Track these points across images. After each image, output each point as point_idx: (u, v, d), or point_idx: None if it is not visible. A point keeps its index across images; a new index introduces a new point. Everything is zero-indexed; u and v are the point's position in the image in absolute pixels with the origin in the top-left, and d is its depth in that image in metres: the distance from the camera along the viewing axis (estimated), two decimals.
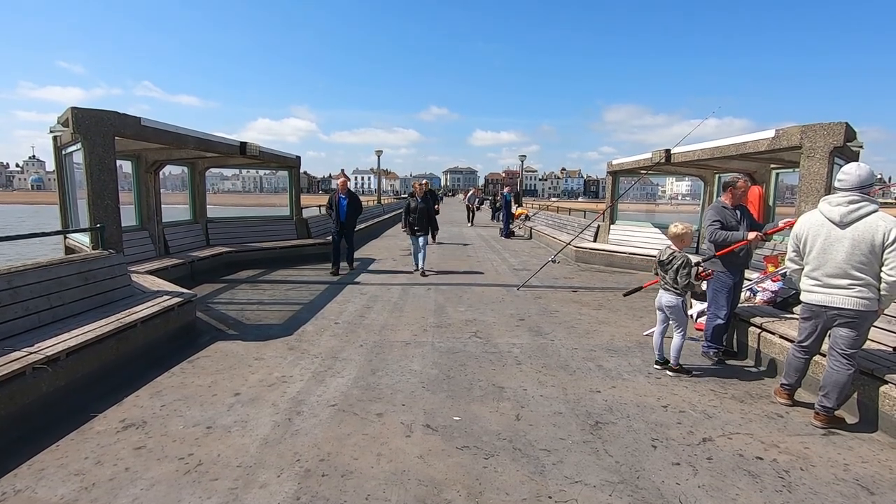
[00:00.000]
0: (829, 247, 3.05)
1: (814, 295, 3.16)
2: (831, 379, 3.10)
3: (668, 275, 4.00)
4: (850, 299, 2.98)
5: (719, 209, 4.33)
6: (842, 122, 4.65)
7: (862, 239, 2.92)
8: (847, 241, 2.97)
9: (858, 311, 2.98)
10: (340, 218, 8.31)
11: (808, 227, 3.20)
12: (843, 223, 3.00)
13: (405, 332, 5.13)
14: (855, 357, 3.07)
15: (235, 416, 3.18)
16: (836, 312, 3.06)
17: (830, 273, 3.05)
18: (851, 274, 2.97)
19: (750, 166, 7.58)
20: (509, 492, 2.44)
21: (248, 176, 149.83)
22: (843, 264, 2.98)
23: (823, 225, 3.10)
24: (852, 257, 2.95)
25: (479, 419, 3.20)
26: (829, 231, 3.06)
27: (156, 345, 4.23)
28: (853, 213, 2.98)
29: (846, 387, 3.08)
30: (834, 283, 3.04)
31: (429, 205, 8.43)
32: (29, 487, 2.42)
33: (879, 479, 2.60)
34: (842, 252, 2.99)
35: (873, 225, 2.91)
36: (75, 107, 4.83)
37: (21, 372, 2.91)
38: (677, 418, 3.26)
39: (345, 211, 8.34)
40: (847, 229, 2.98)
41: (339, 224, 8.32)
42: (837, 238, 3.02)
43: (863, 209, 2.97)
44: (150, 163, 7.69)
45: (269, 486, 2.46)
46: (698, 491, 2.46)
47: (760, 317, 4.40)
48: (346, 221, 8.33)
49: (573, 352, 4.58)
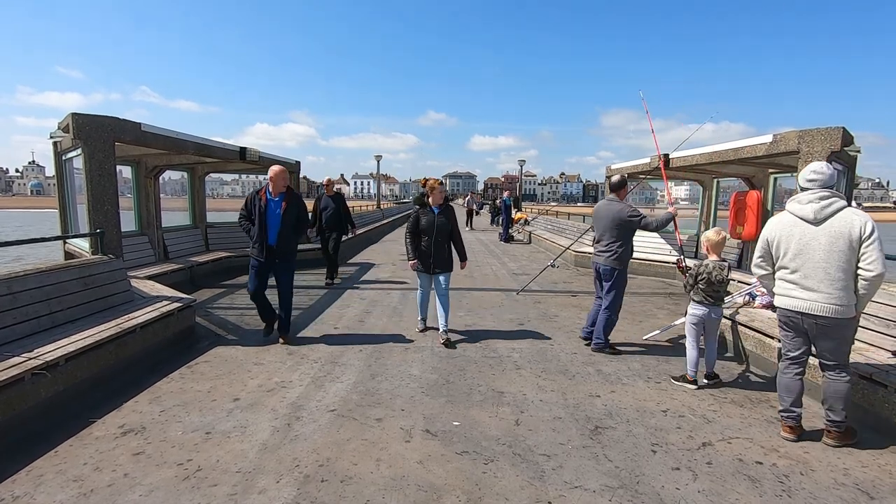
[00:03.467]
0: (806, 247, 2.90)
1: (790, 300, 2.98)
2: (830, 390, 2.95)
3: (719, 290, 3.80)
4: (827, 306, 2.83)
5: (628, 204, 4.70)
6: (839, 126, 4.67)
7: (839, 234, 2.80)
8: (824, 239, 2.84)
9: (834, 320, 2.84)
10: (268, 237, 4.58)
11: (778, 229, 3.04)
12: (816, 220, 2.88)
13: (404, 336, 5.12)
14: (846, 363, 2.95)
15: (235, 422, 3.17)
16: (813, 321, 2.90)
17: (810, 274, 2.89)
18: (831, 274, 2.82)
19: (748, 171, 7.61)
20: (509, 497, 2.44)
21: (248, 181, 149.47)
22: (823, 263, 2.84)
23: (796, 225, 2.96)
24: (831, 256, 2.82)
25: (479, 424, 3.20)
26: (804, 230, 2.92)
27: (155, 350, 4.22)
28: (826, 209, 2.86)
29: (848, 395, 2.92)
30: (814, 286, 2.88)
31: (452, 221, 4.96)
32: (27, 494, 2.41)
33: (880, 484, 2.59)
34: (819, 251, 2.85)
35: (848, 220, 2.80)
36: (76, 112, 4.85)
37: (20, 377, 2.91)
38: (677, 423, 3.26)
39: (278, 223, 4.59)
40: (821, 226, 2.86)
41: (264, 248, 4.59)
42: (813, 236, 2.88)
43: (834, 204, 2.86)
44: (150, 168, 7.71)
45: (268, 491, 2.45)
46: (698, 496, 2.46)
47: (759, 321, 4.41)
48: (279, 244, 4.60)
49: (573, 356, 4.58)
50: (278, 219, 4.58)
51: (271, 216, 4.58)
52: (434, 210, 4.88)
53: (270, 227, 4.57)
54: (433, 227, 4.82)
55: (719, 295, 3.84)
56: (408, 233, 4.93)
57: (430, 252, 4.84)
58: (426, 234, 4.84)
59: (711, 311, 3.83)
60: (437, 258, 4.85)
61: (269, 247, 4.59)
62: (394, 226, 22.37)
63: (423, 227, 4.85)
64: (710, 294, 3.82)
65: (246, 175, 6.32)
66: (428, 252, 4.85)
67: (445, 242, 4.91)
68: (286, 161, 10.32)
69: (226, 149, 7.75)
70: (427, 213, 4.88)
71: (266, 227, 4.56)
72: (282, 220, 4.58)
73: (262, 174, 14.25)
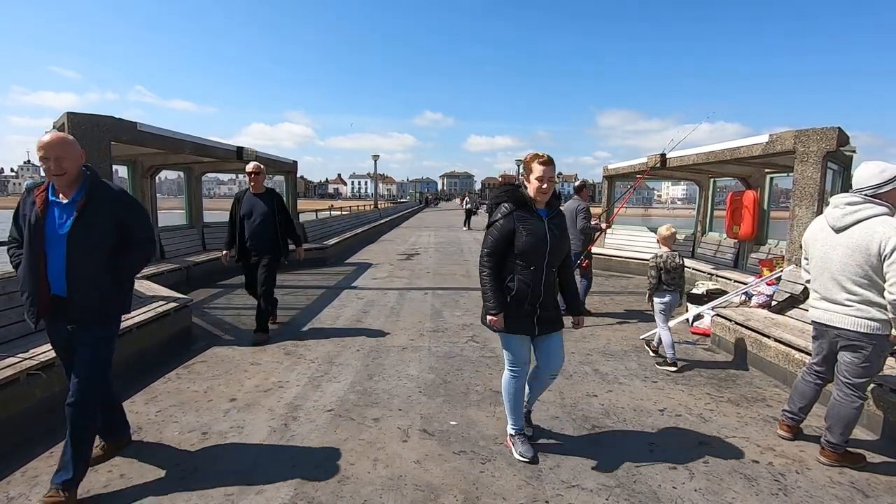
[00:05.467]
0: (826, 255, 2.69)
1: (815, 311, 2.80)
2: (834, 411, 2.72)
3: (675, 276, 4.28)
4: (850, 318, 2.58)
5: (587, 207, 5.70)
6: (834, 126, 4.70)
7: (857, 247, 2.52)
8: (841, 249, 2.59)
9: (862, 334, 2.55)
10: (47, 282, 2.31)
11: (810, 232, 2.87)
12: (836, 227, 2.64)
13: (402, 336, 5.12)
14: (863, 388, 2.68)
15: (231, 422, 3.16)
16: (836, 333, 2.67)
17: (828, 286, 2.68)
18: (848, 288, 2.57)
19: (744, 171, 7.64)
20: (506, 496, 2.44)
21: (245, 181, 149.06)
22: (838, 275, 2.61)
23: (823, 230, 2.75)
24: (847, 268, 2.56)
25: (476, 424, 3.20)
26: (827, 237, 2.70)
27: (151, 350, 4.21)
28: (849, 216, 2.58)
29: (852, 421, 2.69)
30: (832, 298, 2.67)
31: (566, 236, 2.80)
32: (22, 495, 2.40)
33: (875, 483, 2.61)
34: (836, 262, 2.62)
35: (870, 231, 2.48)
36: (71, 111, 4.83)
37: (15, 378, 2.89)
38: (674, 422, 3.27)
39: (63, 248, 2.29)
40: (841, 235, 2.61)
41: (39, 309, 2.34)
42: (832, 245, 2.65)
43: (861, 212, 2.54)
44: (147, 168, 7.68)
45: (266, 491, 2.44)
46: (695, 494, 2.47)
47: (755, 320, 4.42)
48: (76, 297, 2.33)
49: (570, 356, 4.57)
50: (63, 241, 2.29)
51: (52, 237, 2.30)
52: (542, 213, 2.68)
53: (52, 257, 2.31)
54: (544, 245, 2.61)
55: (675, 282, 4.29)
56: (487, 258, 2.65)
57: (539, 294, 2.64)
58: (528, 261, 2.61)
59: (672, 297, 4.32)
60: (546, 305, 2.68)
61: (56, 303, 2.36)
62: (392, 225, 22.40)
63: (522, 248, 2.58)
64: (670, 282, 4.27)
65: (243, 175, 5.74)
66: (533, 294, 2.62)
67: (556, 276, 2.78)
68: (283, 160, 10.29)
69: (222, 148, 7.74)
70: (528, 217, 2.62)
71: (44, 258, 2.30)
72: (71, 240, 2.28)
73: None
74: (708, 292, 5.67)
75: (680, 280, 4.30)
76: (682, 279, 4.34)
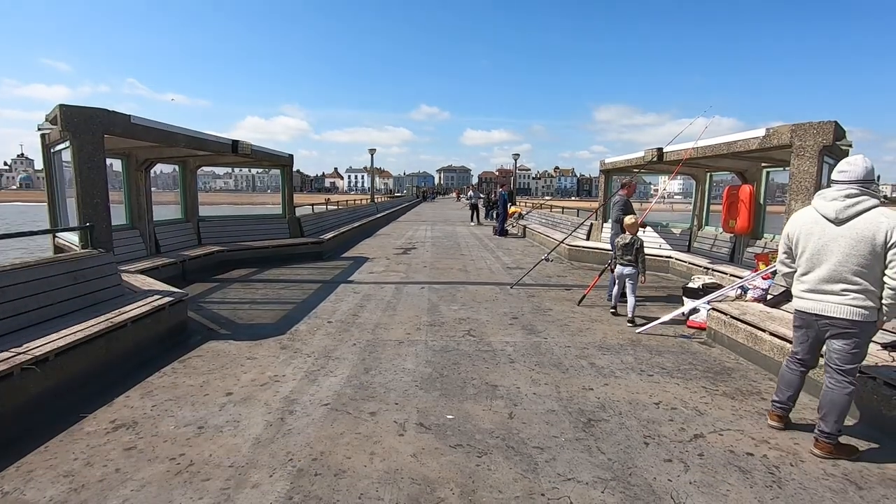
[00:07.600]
0: (824, 247, 2.71)
1: (805, 302, 2.84)
2: (827, 398, 2.77)
3: (630, 253, 5.55)
4: (844, 307, 2.66)
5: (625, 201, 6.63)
6: (831, 120, 4.70)
7: (861, 238, 2.58)
8: (844, 241, 2.63)
9: (853, 322, 2.65)
10: None
11: (800, 225, 2.88)
12: (839, 220, 2.67)
13: (399, 330, 5.12)
14: (854, 374, 2.74)
15: (227, 416, 3.16)
16: (828, 322, 2.74)
17: (824, 277, 2.71)
18: (847, 278, 2.63)
19: (741, 165, 7.64)
20: (502, 490, 2.45)
21: (241, 175, 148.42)
22: (839, 266, 2.65)
23: (817, 223, 2.78)
24: (850, 259, 2.61)
25: (473, 417, 3.21)
26: (824, 229, 2.73)
27: (146, 345, 4.19)
28: (851, 209, 2.64)
29: (845, 408, 2.73)
30: (827, 289, 2.71)
31: None
32: (17, 489, 2.39)
33: (868, 474, 2.63)
34: (837, 253, 2.65)
35: (874, 222, 2.56)
36: (64, 104, 4.77)
37: (9, 373, 2.88)
38: (669, 415, 3.28)
39: None
40: (844, 226, 2.65)
41: None
42: (833, 237, 2.68)
43: (862, 203, 2.63)
44: (141, 161, 7.62)
45: (262, 485, 2.44)
46: (690, 487, 2.48)
47: (751, 314, 4.44)
48: None
49: (566, 350, 4.59)
50: None
51: None
52: None
53: None
54: None
55: (629, 259, 5.53)
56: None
57: None
58: None
59: (625, 269, 5.57)
60: None
61: None
62: (388, 220, 22.35)
63: None
64: (623, 259, 5.57)
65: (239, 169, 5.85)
66: None
67: None
68: (279, 154, 10.25)
69: (218, 142, 7.68)
70: None
71: None
72: None
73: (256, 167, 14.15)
74: (704, 286, 5.68)
75: (632, 258, 5.54)
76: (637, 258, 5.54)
